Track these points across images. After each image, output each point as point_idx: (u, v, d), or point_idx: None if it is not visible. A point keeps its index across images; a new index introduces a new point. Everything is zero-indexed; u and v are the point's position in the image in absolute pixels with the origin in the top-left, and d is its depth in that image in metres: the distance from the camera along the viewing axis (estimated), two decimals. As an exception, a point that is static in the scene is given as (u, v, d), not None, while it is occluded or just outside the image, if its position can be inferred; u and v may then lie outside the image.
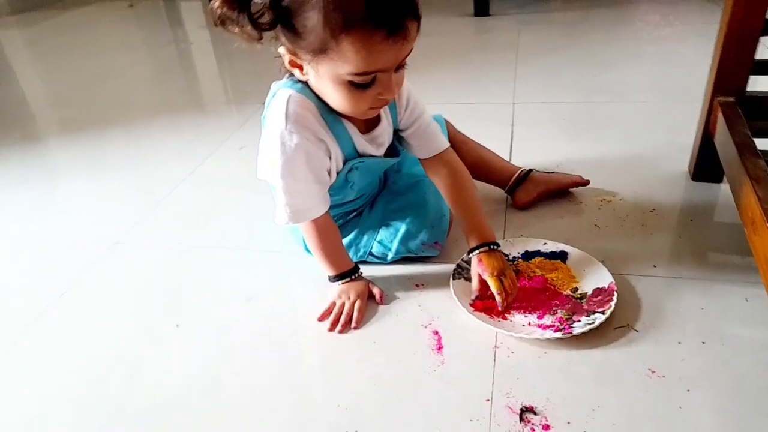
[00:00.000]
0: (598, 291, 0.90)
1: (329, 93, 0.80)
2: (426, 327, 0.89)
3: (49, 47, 3.02)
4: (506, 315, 0.88)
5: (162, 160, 1.57)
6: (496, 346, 0.84)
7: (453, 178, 0.97)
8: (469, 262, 0.96)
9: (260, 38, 0.74)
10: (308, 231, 0.92)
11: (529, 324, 0.86)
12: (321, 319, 0.92)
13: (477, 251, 0.92)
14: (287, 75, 0.88)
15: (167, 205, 1.32)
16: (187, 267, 1.10)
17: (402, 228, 1.00)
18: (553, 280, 0.94)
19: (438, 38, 2.37)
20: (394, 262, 1.03)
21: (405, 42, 0.73)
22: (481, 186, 1.17)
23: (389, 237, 1.01)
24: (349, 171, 0.93)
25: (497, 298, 0.87)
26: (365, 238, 1.03)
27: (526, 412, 0.73)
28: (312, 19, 0.70)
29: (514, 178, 1.15)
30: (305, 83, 0.84)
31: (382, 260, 1.03)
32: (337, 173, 0.92)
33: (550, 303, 0.90)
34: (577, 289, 0.92)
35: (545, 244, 1.02)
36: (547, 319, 0.87)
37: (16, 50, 3.14)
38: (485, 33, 2.48)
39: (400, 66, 0.78)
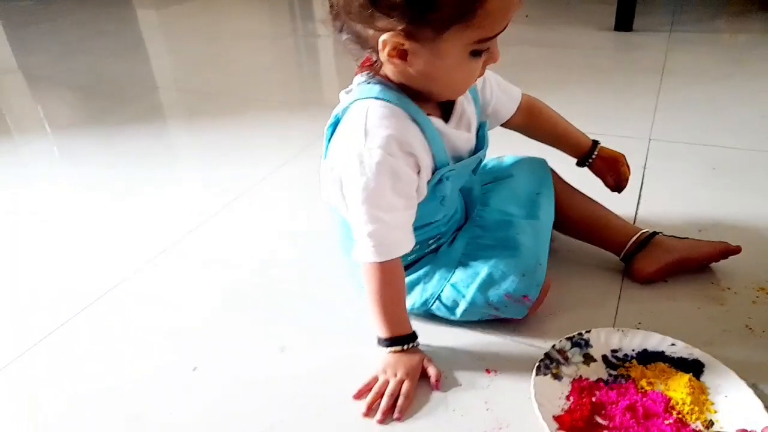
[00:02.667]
0: (744, 434, 0.63)
1: (443, 72, 0.68)
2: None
3: (179, 28, 3.11)
4: (603, 441, 0.64)
5: (239, 160, 1.47)
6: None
7: (533, 117, 0.92)
8: (562, 352, 0.73)
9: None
10: (371, 273, 0.73)
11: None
12: (358, 397, 0.73)
13: (593, 153, 0.93)
14: (364, 80, 0.73)
15: (223, 216, 1.20)
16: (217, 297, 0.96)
17: (484, 270, 0.78)
18: (677, 402, 0.68)
19: (571, 53, 2.10)
20: (465, 323, 0.82)
21: None
22: (590, 250, 0.93)
23: (466, 280, 0.79)
24: (439, 182, 0.75)
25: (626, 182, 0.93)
26: (437, 276, 0.82)
27: None
28: None
29: (633, 240, 0.89)
30: (384, 85, 0.71)
31: (450, 312, 0.81)
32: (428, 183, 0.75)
33: (668, 437, 0.64)
34: (712, 423, 0.65)
35: (673, 345, 0.75)
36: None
37: (150, 29, 3.27)
38: (625, 51, 2.16)
39: None
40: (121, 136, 1.67)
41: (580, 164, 0.95)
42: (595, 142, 0.95)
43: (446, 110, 0.77)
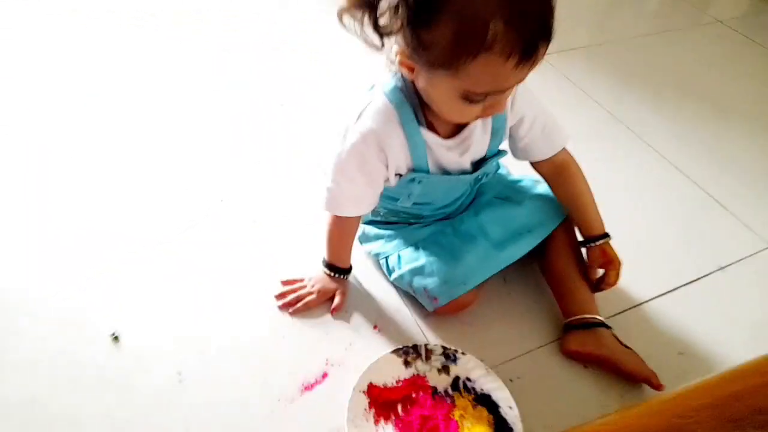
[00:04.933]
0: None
1: (437, 100, 0.76)
2: (326, 363, 0.89)
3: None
4: None
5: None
6: (336, 434, 0.81)
7: (562, 177, 0.95)
8: (429, 352, 0.89)
9: (382, 46, 0.72)
10: (328, 217, 0.93)
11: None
12: (284, 283, 0.99)
13: (599, 240, 0.93)
14: (393, 73, 0.83)
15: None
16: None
17: (422, 260, 0.93)
18: (462, 441, 0.81)
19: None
20: (404, 294, 0.99)
21: (531, 67, 0.67)
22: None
23: (407, 259, 0.96)
24: (411, 180, 0.88)
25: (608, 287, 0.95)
26: (395, 243, 0.99)
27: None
28: (442, 36, 0.65)
29: (578, 317, 0.92)
30: (403, 84, 0.81)
31: (388, 273, 0.99)
32: (401, 177, 0.88)
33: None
34: (464, 472, 0.78)
35: (510, 408, 0.84)
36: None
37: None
38: None
39: None
40: None
41: (581, 243, 0.96)
42: (604, 235, 0.94)
43: (459, 127, 0.85)
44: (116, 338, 0.90)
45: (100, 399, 0.83)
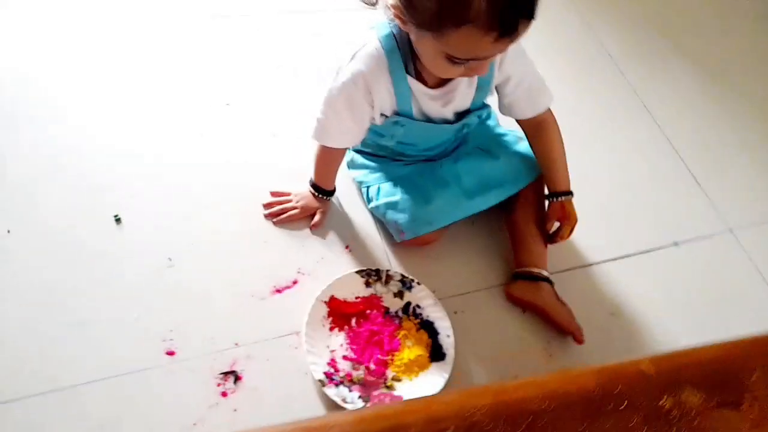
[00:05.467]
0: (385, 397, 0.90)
1: (423, 56, 0.82)
2: (298, 272, 1.02)
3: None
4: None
5: None
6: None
7: (539, 135, 1.01)
8: (389, 277, 1.01)
9: (376, 2, 0.76)
10: (320, 148, 1.01)
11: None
12: (272, 194, 1.09)
13: (561, 197, 1.01)
14: (389, 18, 0.87)
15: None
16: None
17: (398, 196, 1.03)
18: (401, 357, 0.94)
19: None
20: (374, 215, 1.10)
21: (510, 42, 0.74)
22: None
23: (385, 192, 1.05)
24: (395, 123, 0.95)
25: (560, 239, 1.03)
26: (377, 175, 1.08)
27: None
28: (430, 2, 0.71)
29: (524, 269, 1.03)
30: (398, 31, 0.85)
31: (367, 201, 1.09)
32: (387, 118, 0.95)
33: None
34: (396, 382, 0.93)
35: (448, 336, 0.97)
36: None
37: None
38: None
39: None
40: None
41: (546, 197, 1.04)
42: (568, 193, 1.01)
43: (445, 79, 0.90)
44: (119, 220, 1.02)
45: (98, 270, 0.97)
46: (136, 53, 1.29)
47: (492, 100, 1.02)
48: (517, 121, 1.02)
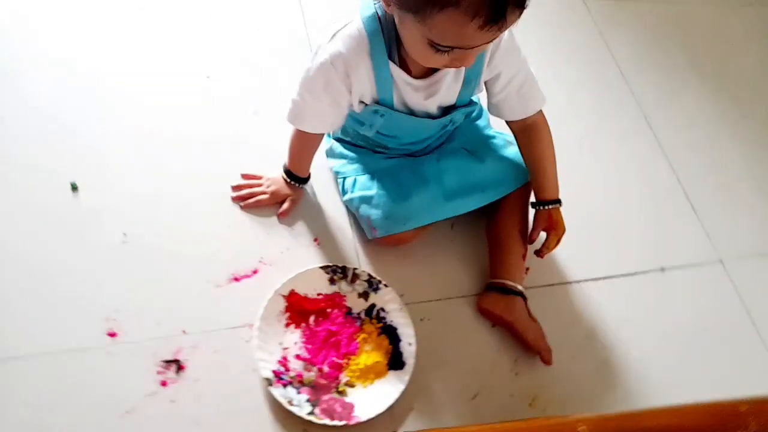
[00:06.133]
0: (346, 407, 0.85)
1: (406, 41, 0.77)
2: (259, 261, 0.96)
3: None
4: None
5: None
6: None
7: (529, 138, 0.96)
8: (355, 276, 0.95)
9: None
10: (295, 132, 0.95)
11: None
12: (243, 176, 1.03)
13: (550, 205, 0.95)
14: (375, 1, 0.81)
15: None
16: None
17: (374, 191, 0.97)
18: (357, 361, 0.89)
19: None
20: (348, 208, 1.04)
21: (498, 31, 0.68)
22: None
23: (361, 185, 0.99)
24: (375, 112, 0.89)
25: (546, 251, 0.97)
26: (355, 166, 1.02)
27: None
28: None
29: (498, 281, 0.97)
30: (384, 13, 0.79)
31: (342, 193, 1.03)
32: (366, 106, 0.89)
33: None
34: (350, 387, 0.87)
35: (410, 344, 0.91)
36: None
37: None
38: None
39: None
40: None
41: (532, 204, 0.98)
42: (556, 201, 0.96)
43: (431, 70, 0.85)
44: (75, 188, 0.96)
45: (47, 238, 0.91)
46: (113, 22, 1.23)
47: (483, 99, 0.96)
48: (507, 122, 0.96)
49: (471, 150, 1.01)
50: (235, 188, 1.02)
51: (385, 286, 0.96)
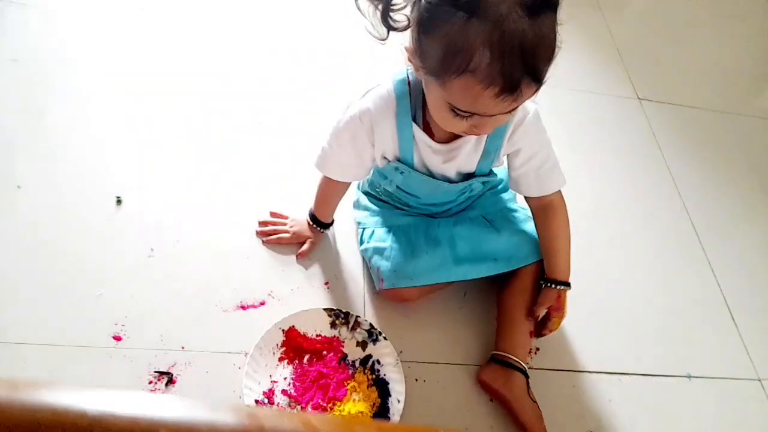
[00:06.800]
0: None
1: (430, 103, 0.80)
2: (269, 295, 0.99)
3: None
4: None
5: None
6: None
7: (544, 217, 0.96)
8: (357, 323, 0.96)
9: (386, 38, 0.77)
10: (322, 179, 1.00)
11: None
12: (271, 214, 1.09)
13: (559, 286, 0.95)
14: (409, 67, 0.87)
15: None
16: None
17: (387, 243, 1.00)
18: (341, 408, 0.88)
19: None
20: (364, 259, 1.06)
21: (513, 102, 0.70)
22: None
23: (377, 237, 1.02)
24: (396, 169, 0.93)
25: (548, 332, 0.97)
26: (376, 219, 1.05)
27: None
28: (434, 48, 0.70)
29: (501, 353, 0.95)
30: (414, 79, 0.85)
31: (360, 243, 1.06)
32: (389, 162, 0.93)
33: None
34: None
35: (399, 401, 0.89)
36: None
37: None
38: None
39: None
40: None
41: (543, 281, 0.97)
42: (566, 283, 0.95)
43: (453, 136, 0.87)
44: (120, 201, 1.05)
45: (85, 242, 0.99)
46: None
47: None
48: (525, 198, 0.97)
49: (490, 219, 1.01)
50: (261, 224, 1.07)
51: (385, 338, 0.95)
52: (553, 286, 0.94)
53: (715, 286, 1.21)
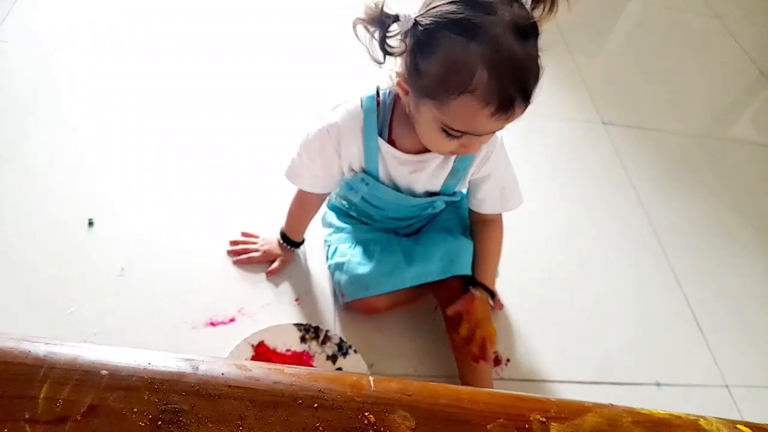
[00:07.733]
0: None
1: (420, 126, 0.82)
2: (239, 311, 1.00)
3: None
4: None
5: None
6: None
7: (483, 230, 1.02)
8: (327, 338, 0.97)
9: (383, 62, 0.81)
10: (295, 195, 1.03)
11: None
12: (243, 234, 1.11)
13: (477, 290, 0.96)
14: (383, 85, 0.90)
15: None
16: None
17: (347, 257, 1.02)
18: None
19: None
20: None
21: (506, 121, 0.74)
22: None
23: (340, 253, 1.04)
24: (362, 180, 0.96)
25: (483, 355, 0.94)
26: (343, 235, 1.07)
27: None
28: (434, 69, 0.73)
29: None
30: (385, 97, 0.89)
31: (327, 258, 1.08)
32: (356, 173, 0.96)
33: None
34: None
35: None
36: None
37: None
38: None
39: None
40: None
41: (471, 282, 0.99)
42: (489, 291, 0.98)
43: (421, 150, 0.89)
44: (92, 223, 1.06)
45: (59, 264, 1.00)
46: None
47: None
48: (471, 213, 1.02)
49: (448, 228, 1.04)
50: (232, 243, 1.09)
51: (355, 352, 0.96)
52: (474, 287, 0.97)
53: (682, 297, 1.23)
